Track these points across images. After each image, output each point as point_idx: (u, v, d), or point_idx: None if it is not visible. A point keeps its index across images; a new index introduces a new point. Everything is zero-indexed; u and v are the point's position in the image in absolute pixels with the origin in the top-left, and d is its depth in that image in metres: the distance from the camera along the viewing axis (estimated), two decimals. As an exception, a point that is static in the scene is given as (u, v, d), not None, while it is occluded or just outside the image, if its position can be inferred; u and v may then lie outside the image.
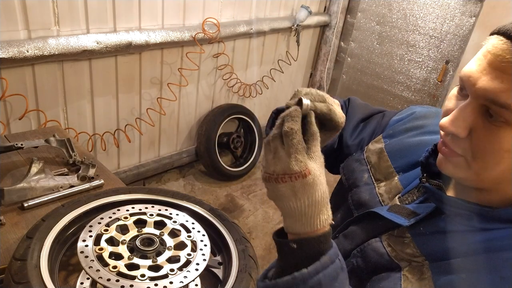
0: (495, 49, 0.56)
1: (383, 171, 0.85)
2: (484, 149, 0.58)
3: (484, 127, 0.58)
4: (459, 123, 0.59)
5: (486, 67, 0.57)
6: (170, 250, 0.87)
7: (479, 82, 0.57)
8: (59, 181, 1.15)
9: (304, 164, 0.56)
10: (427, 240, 0.67)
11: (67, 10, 1.89)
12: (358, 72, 3.52)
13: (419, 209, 0.71)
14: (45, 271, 0.79)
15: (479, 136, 0.58)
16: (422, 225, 0.69)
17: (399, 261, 0.69)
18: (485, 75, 0.56)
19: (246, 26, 2.76)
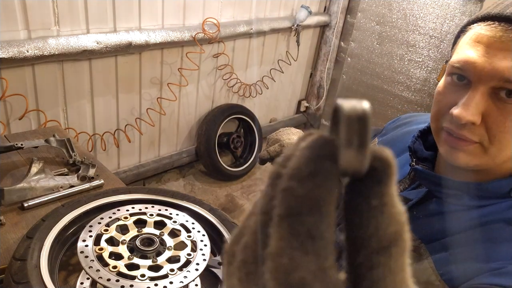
0: (490, 32, 0.57)
1: None
2: (502, 130, 0.59)
3: (497, 109, 0.59)
4: (473, 111, 0.59)
5: (488, 51, 0.57)
6: (170, 250, 0.87)
7: (488, 65, 0.57)
8: (59, 181, 1.15)
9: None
10: (421, 224, 0.69)
11: (67, 10, 1.89)
12: (358, 72, 3.52)
13: (411, 195, 0.74)
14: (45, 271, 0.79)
15: (494, 119, 0.59)
16: (415, 209, 0.72)
17: None
18: (490, 58, 0.57)
19: (246, 26, 2.76)
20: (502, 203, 0.62)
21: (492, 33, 0.57)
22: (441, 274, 0.62)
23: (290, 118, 3.83)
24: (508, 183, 0.62)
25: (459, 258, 0.61)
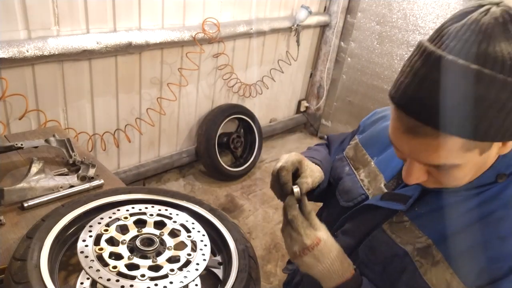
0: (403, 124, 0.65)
1: (360, 159, 0.95)
2: (445, 180, 0.69)
3: (437, 172, 0.68)
4: (417, 175, 0.70)
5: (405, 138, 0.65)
6: (170, 250, 0.87)
7: (415, 157, 0.67)
8: (59, 181, 1.15)
9: (313, 236, 0.76)
10: (425, 220, 0.75)
11: (67, 10, 1.89)
12: (358, 72, 3.52)
13: (408, 191, 0.79)
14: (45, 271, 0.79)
15: (437, 177, 0.69)
16: (416, 205, 0.77)
17: (404, 245, 0.76)
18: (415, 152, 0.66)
19: (246, 26, 2.76)
20: (494, 188, 0.71)
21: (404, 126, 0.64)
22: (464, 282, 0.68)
23: (290, 118, 3.83)
24: (492, 173, 0.71)
25: (474, 257, 0.67)
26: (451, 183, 0.70)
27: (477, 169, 0.69)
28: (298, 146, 3.68)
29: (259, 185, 3.06)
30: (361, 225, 0.85)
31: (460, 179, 0.69)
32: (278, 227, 2.63)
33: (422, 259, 0.73)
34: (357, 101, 3.52)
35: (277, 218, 2.71)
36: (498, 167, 0.70)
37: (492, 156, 0.68)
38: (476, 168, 0.68)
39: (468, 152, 0.62)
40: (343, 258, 0.77)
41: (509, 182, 0.71)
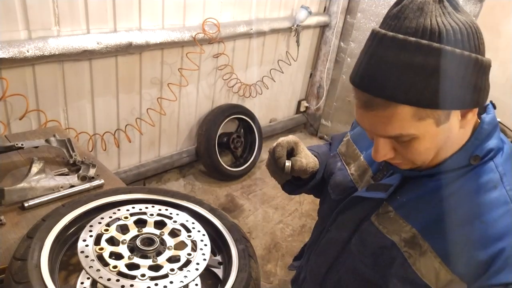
0: (360, 100, 0.70)
1: (351, 154, 0.99)
2: (410, 154, 0.72)
3: (401, 145, 0.71)
4: (383, 151, 0.73)
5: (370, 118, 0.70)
6: (170, 250, 0.87)
7: (375, 131, 0.71)
8: (59, 181, 1.15)
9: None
10: (408, 209, 0.77)
11: (67, 10, 1.89)
12: (358, 72, 3.52)
13: (390, 181, 0.82)
14: (46, 271, 0.79)
15: (402, 151, 0.72)
16: (398, 194, 0.79)
17: (391, 235, 0.78)
18: (373, 125, 0.70)
19: (246, 26, 2.77)
20: (470, 173, 0.73)
21: (360, 101, 0.70)
22: (451, 270, 0.68)
23: (290, 118, 3.83)
24: (464, 154, 0.73)
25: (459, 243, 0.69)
26: (416, 157, 0.72)
27: (441, 144, 0.71)
28: (298, 146, 3.68)
29: (259, 185, 3.07)
30: (351, 218, 0.87)
31: (424, 152, 0.71)
32: (278, 227, 2.64)
33: (410, 250, 0.74)
34: (357, 101, 3.52)
35: (277, 218, 2.72)
36: (471, 149, 0.73)
37: (455, 130, 0.70)
38: (439, 142, 0.70)
39: (422, 121, 0.66)
40: None
41: (485, 165, 0.72)
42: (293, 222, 2.70)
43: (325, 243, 0.94)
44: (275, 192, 2.97)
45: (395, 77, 0.63)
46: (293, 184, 1.08)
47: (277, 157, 0.95)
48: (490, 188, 0.70)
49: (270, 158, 0.98)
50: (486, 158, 0.73)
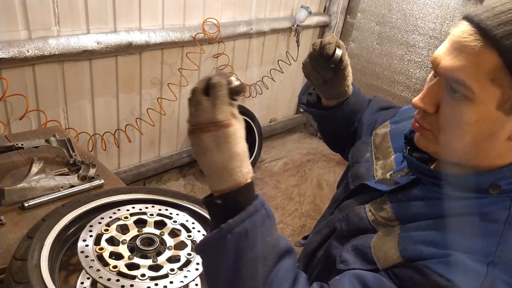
0: (457, 31, 0.62)
1: (384, 151, 0.92)
2: (448, 122, 0.64)
3: (448, 103, 0.63)
4: (427, 100, 0.66)
5: (450, 48, 0.63)
6: (170, 250, 0.87)
7: (442, 61, 0.63)
8: (59, 181, 1.15)
9: (227, 114, 0.60)
10: (403, 206, 0.73)
11: (67, 10, 1.89)
12: (358, 72, 3.52)
13: (402, 180, 0.77)
14: (46, 270, 0.79)
15: (444, 111, 0.65)
16: (401, 193, 0.75)
17: (377, 225, 0.74)
18: (448, 55, 0.63)
19: (246, 27, 2.77)
20: (482, 199, 0.64)
21: (457, 32, 0.62)
22: (400, 250, 0.65)
23: (290, 118, 3.83)
24: (487, 179, 0.64)
25: (422, 240, 0.64)
26: (448, 130, 0.64)
27: (479, 140, 0.62)
28: (298, 146, 3.68)
29: (259, 185, 3.07)
30: (353, 203, 0.85)
31: (459, 129, 0.62)
32: (278, 227, 2.63)
33: (382, 234, 0.71)
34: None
35: (277, 218, 2.72)
36: (498, 175, 0.63)
37: (502, 136, 0.61)
38: (481, 135, 0.61)
39: (491, 85, 0.58)
40: (245, 160, 0.62)
41: (501, 198, 0.64)
42: (293, 222, 2.70)
43: (324, 223, 0.94)
44: (275, 192, 2.97)
45: (508, 17, 0.57)
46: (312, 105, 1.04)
47: (327, 42, 0.87)
48: (489, 219, 0.63)
49: (315, 48, 0.89)
50: (506, 195, 0.63)
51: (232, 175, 0.61)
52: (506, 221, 0.62)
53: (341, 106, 1.00)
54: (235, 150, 0.61)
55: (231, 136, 0.60)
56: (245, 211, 0.60)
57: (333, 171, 3.33)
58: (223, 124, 0.59)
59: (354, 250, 0.72)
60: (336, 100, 1.00)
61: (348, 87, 0.96)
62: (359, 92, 1.05)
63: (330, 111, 1.02)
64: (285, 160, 3.41)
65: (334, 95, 0.99)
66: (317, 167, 3.37)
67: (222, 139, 0.60)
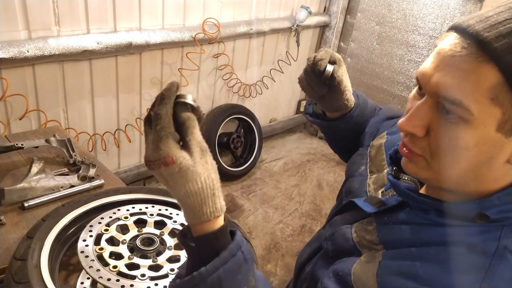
0: (447, 45, 0.55)
1: (378, 164, 0.87)
2: (442, 147, 0.57)
3: (441, 125, 0.57)
4: (416, 122, 0.58)
5: (439, 63, 0.56)
6: (170, 250, 0.87)
7: (432, 79, 0.56)
8: (59, 181, 1.15)
9: (165, 152, 0.54)
10: (388, 229, 0.67)
11: (67, 10, 1.90)
12: (358, 72, 3.52)
13: (390, 201, 0.72)
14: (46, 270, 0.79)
15: (437, 134, 0.58)
16: (387, 215, 0.70)
17: (361, 247, 0.69)
18: (438, 71, 0.56)
19: (246, 27, 2.77)
20: (468, 227, 0.59)
21: (447, 46, 0.55)
22: (378, 282, 0.60)
23: (290, 118, 3.83)
24: (474, 207, 0.58)
25: (403, 272, 0.59)
26: (441, 154, 0.58)
27: (475, 166, 0.56)
28: (298, 146, 3.68)
29: (259, 185, 3.07)
30: (341, 220, 0.82)
31: (454, 154, 0.56)
32: (278, 227, 2.64)
33: (364, 259, 0.67)
34: (357, 101, 3.52)
35: (277, 218, 2.72)
36: (485, 204, 0.58)
37: (499, 160, 0.56)
38: (478, 160, 0.56)
39: (491, 104, 0.52)
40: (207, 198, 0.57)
41: (489, 228, 0.58)
42: (293, 222, 2.70)
43: (315, 236, 0.93)
44: (275, 192, 2.97)
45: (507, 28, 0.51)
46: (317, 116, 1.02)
47: (319, 58, 0.85)
48: (476, 251, 0.57)
49: (308, 63, 0.88)
50: (496, 224, 0.58)
51: (195, 214, 0.57)
52: (494, 254, 0.56)
53: (344, 118, 0.98)
54: (188, 189, 0.56)
55: (176, 174, 0.55)
56: (219, 257, 0.55)
57: (333, 171, 3.33)
58: (162, 162, 0.54)
59: (335, 277, 0.67)
60: (340, 112, 0.98)
61: (347, 101, 0.94)
62: (365, 104, 1.02)
63: (334, 122, 1.00)
64: (285, 160, 3.41)
65: (333, 109, 0.97)
66: (317, 167, 3.37)
67: (168, 177, 0.57)
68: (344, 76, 0.90)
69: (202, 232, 0.58)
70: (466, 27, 0.54)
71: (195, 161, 0.56)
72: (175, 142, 0.55)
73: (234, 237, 0.60)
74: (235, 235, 0.61)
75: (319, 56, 0.86)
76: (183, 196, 0.57)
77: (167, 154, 0.54)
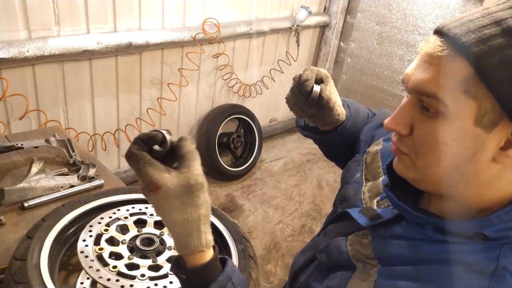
0: (426, 46, 0.58)
1: (373, 171, 0.87)
2: (424, 144, 0.58)
3: (422, 122, 0.59)
4: (400, 120, 0.61)
5: (419, 63, 0.59)
6: (170, 250, 0.87)
7: (412, 77, 0.59)
8: (59, 181, 1.15)
9: (148, 179, 0.58)
10: (383, 244, 0.66)
11: (67, 10, 1.90)
12: (358, 72, 3.52)
13: (386, 213, 0.71)
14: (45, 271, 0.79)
15: (419, 132, 0.59)
16: (383, 228, 0.69)
17: (356, 261, 0.68)
18: (417, 70, 0.59)
19: (246, 26, 2.77)
20: (466, 245, 0.57)
21: (426, 45, 0.59)
22: None
23: (290, 118, 3.83)
24: (472, 226, 0.57)
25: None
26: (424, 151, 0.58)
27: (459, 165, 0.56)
28: (298, 146, 3.68)
29: (259, 185, 3.07)
30: (336, 230, 0.81)
31: (436, 150, 0.57)
32: (278, 227, 2.64)
33: (359, 275, 0.66)
34: (356, 101, 3.52)
35: (277, 218, 2.72)
36: (484, 224, 0.56)
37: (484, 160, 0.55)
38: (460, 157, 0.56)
39: (465, 96, 0.53)
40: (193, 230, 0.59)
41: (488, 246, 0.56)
42: (293, 222, 2.70)
43: (310, 244, 0.91)
44: (275, 192, 2.97)
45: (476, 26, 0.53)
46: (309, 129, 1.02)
47: (304, 79, 0.84)
48: (474, 270, 0.55)
49: (295, 83, 0.87)
50: (494, 242, 0.56)
51: (181, 245, 0.60)
52: (492, 274, 0.54)
53: (337, 131, 0.97)
54: (175, 218, 0.59)
55: (163, 201, 0.59)
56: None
57: (333, 171, 3.33)
58: (149, 188, 0.59)
59: None
60: (331, 126, 0.97)
61: (338, 115, 0.92)
62: (357, 113, 1.01)
63: (327, 135, 0.99)
64: (285, 160, 3.41)
65: (324, 124, 0.96)
66: (317, 167, 3.37)
67: (157, 204, 0.60)
68: (333, 94, 0.89)
69: (192, 264, 0.60)
70: (442, 27, 0.57)
71: (183, 191, 0.60)
72: (160, 169, 0.59)
73: (224, 268, 0.61)
74: (226, 266, 0.62)
75: (305, 77, 0.85)
76: (170, 225, 0.60)
77: (150, 181, 0.58)
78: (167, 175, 0.59)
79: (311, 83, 0.85)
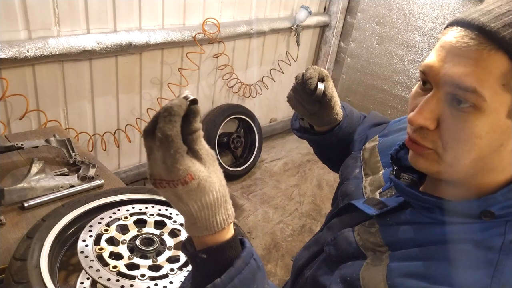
0: (451, 38, 0.57)
1: (372, 166, 0.88)
2: (454, 138, 0.58)
3: (452, 116, 0.57)
4: (427, 115, 0.59)
5: (447, 55, 0.57)
6: (170, 250, 0.87)
7: (442, 69, 0.57)
8: (59, 181, 1.15)
9: (184, 171, 0.50)
10: (391, 231, 0.67)
11: (67, 10, 1.90)
12: (358, 72, 3.52)
13: (390, 201, 0.73)
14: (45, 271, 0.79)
15: (448, 126, 0.58)
16: (389, 216, 0.70)
17: (366, 250, 0.69)
18: (446, 62, 0.57)
19: (246, 26, 2.77)
20: (473, 224, 0.60)
21: (453, 39, 0.57)
22: (389, 285, 0.60)
23: (290, 118, 3.83)
24: (479, 205, 0.59)
25: (412, 273, 0.59)
26: (453, 144, 0.58)
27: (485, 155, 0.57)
28: (298, 146, 3.68)
29: (259, 185, 3.07)
30: (340, 223, 0.82)
31: (467, 143, 0.57)
32: (278, 227, 2.64)
33: (371, 262, 0.67)
34: (356, 101, 3.53)
35: (277, 218, 2.72)
36: (490, 201, 0.59)
37: (506, 152, 0.57)
38: (488, 147, 0.57)
39: (503, 90, 0.54)
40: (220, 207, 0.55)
41: (495, 224, 0.59)
42: (293, 222, 2.70)
43: (313, 240, 0.92)
44: (275, 192, 2.97)
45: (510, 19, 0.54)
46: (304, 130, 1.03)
47: (308, 77, 0.86)
48: (483, 247, 0.58)
49: (298, 82, 0.89)
50: (500, 219, 0.59)
51: (205, 224, 0.55)
52: (501, 248, 0.57)
53: (333, 131, 0.99)
54: (204, 201, 0.53)
55: (194, 190, 0.52)
56: (234, 266, 0.54)
57: (333, 171, 3.33)
58: (179, 182, 0.50)
59: (343, 282, 0.67)
60: (328, 126, 0.99)
61: (337, 115, 0.95)
62: (351, 114, 1.04)
63: (322, 136, 1.01)
64: (285, 160, 3.41)
65: (323, 124, 0.98)
66: (317, 167, 3.37)
67: (183, 195, 0.52)
68: (334, 92, 0.92)
69: (213, 242, 0.56)
70: (470, 20, 0.56)
71: (210, 171, 0.54)
72: (188, 157, 0.51)
73: (244, 245, 0.59)
74: (245, 243, 0.60)
75: (308, 75, 0.87)
76: (197, 210, 0.54)
77: (186, 173, 0.50)
78: (198, 164, 0.52)
79: (315, 81, 0.87)
